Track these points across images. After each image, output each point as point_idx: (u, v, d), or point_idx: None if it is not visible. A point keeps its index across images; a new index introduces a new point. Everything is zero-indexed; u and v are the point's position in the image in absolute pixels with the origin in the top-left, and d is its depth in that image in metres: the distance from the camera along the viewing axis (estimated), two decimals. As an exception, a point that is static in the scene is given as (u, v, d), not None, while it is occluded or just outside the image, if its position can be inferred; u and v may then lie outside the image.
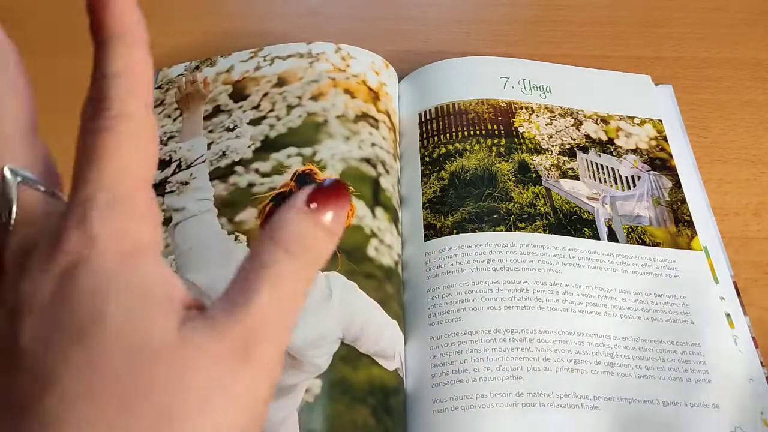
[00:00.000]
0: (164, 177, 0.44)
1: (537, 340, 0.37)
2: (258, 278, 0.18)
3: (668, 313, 0.39)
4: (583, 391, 0.35)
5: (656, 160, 0.46)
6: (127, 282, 0.18)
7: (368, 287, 0.38)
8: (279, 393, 0.34)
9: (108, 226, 0.18)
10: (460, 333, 0.37)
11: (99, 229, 0.18)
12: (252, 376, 0.18)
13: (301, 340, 0.36)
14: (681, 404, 0.35)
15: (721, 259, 0.42)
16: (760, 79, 0.52)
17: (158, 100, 0.48)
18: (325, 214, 0.20)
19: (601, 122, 0.47)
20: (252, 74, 0.48)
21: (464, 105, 0.47)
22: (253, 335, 0.18)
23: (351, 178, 0.42)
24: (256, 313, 0.18)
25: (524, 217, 0.42)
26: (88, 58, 0.20)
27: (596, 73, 0.50)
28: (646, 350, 0.37)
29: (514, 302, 0.38)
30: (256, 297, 0.18)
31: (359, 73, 0.47)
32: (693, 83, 0.52)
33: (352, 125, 0.44)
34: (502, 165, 0.44)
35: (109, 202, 0.18)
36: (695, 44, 0.55)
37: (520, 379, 0.35)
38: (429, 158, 0.45)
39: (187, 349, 0.17)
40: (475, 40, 0.55)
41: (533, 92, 0.48)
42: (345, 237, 0.40)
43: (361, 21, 0.57)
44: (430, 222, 0.42)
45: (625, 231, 0.42)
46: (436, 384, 0.36)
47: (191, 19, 0.57)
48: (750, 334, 0.39)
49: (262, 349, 0.18)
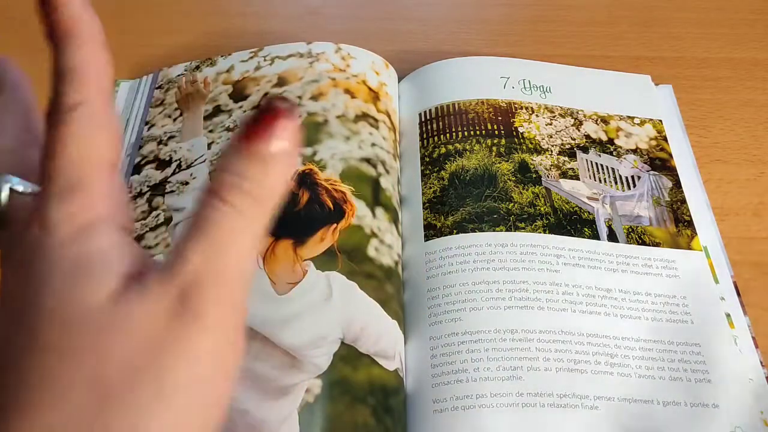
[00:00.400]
0: (164, 177, 0.44)
1: (537, 340, 0.37)
2: (191, 236, 0.18)
3: (668, 313, 0.39)
4: (583, 391, 0.35)
5: (656, 160, 0.46)
6: (66, 260, 0.18)
7: (368, 287, 0.38)
8: (279, 393, 0.34)
9: (61, 210, 0.18)
10: (460, 333, 0.37)
11: (53, 215, 0.18)
12: (196, 333, 0.17)
13: (301, 340, 0.36)
14: (681, 404, 0.35)
15: (721, 259, 0.42)
16: (759, 79, 0.52)
17: (158, 100, 0.48)
18: (261, 143, 0.18)
19: (601, 122, 0.47)
20: (252, 74, 0.48)
21: (464, 105, 0.47)
22: (188, 293, 0.17)
23: (351, 178, 0.42)
24: (187, 271, 0.17)
25: (524, 217, 0.42)
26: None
27: (596, 73, 0.50)
28: (646, 350, 0.37)
29: (514, 302, 0.38)
30: (185, 254, 0.17)
31: (359, 73, 0.47)
32: (693, 83, 0.52)
33: (352, 125, 0.44)
34: (502, 165, 0.44)
35: (63, 189, 0.18)
36: (695, 44, 0.55)
37: (520, 379, 0.35)
38: (429, 158, 0.45)
39: (117, 318, 0.17)
40: (475, 40, 0.55)
41: (533, 92, 0.48)
42: (345, 237, 0.40)
43: (361, 21, 0.57)
44: (430, 222, 0.42)
45: (625, 231, 0.42)
46: (436, 384, 0.36)
47: (191, 19, 0.57)
48: (750, 334, 0.39)
49: (201, 305, 0.17)
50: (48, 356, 0.17)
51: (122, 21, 0.56)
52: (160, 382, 0.17)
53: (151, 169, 0.44)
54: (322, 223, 0.40)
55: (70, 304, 0.17)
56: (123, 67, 0.52)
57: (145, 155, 0.45)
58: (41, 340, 0.17)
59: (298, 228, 0.39)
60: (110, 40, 0.21)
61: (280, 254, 0.39)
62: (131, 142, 0.47)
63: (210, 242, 0.18)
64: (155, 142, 0.46)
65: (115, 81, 0.51)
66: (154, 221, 0.42)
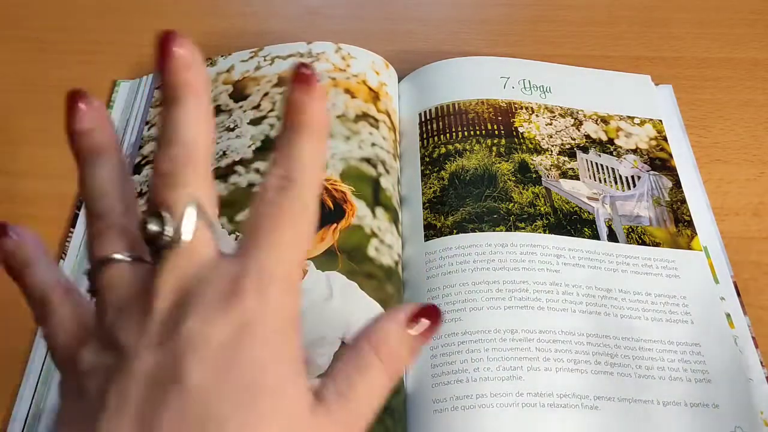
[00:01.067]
0: (164, 177, 0.44)
1: (537, 340, 0.37)
2: (358, 376, 0.22)
3: (668, 313, 0.39)
4: (583, 391, 0.35)
5: (656, 160, 0.46)
6: (283, 356, 0.20)
7: (368, 287, 0.38)
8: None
9: (280, 299, 0.20)
10: (460, 333, 0.37)
11: (274, 300, 0.20)
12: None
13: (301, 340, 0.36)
14: (681, 404, 0.35)
15: (721, 259, 0.42)
16: (759, 79, 0.52)
17: (159, 100, 0.48)
18: (418, 329, 0.23)
19: (601, 122, 0.48)
20: (252, 74, 0.48)
21: (464, 105, 0.47)
22: (351, 425, 0.21)
23: (351, 177, 0.42)
24: (354, 409, 0.21)
25: (524, 217, 0.42)
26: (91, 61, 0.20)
27: (596, 73, 0.50)
28: (646, 350, 0.37)
29: (514, 302, 0.38)
30: (355, 394, 0.21)
31: (359, 72, 0.47)
32: (693, 83, 0.52)
33: (353, 125, 0.44)
34: (502, 165, 0.44)
35: (284, 276, 0.20)
36: (695, 44, 0.55)
37: (520, 379, 0.35)
38: (429, 158, 0.45)
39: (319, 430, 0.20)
40: (475, 40, 0.55)
41: (533, 92, 0.48)
42: (345, 237, 0.40)
43: (361, 21, 0.57)
44: (430, 222, 0.42)
45: (625, 231, 0.42)
46: (436, 384, 0.36)
47: (191, 19, 0.57)
48: (750, 334, 0.39)
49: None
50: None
51: (122, 21, 0.56)
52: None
53: (152, 169, 0.44)
54: (323, 222, 0.40)
55: (289, 405, 0.20)
56: (123, 67, 0.52)
57: (146, 155, 0.45)
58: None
59: (298, 228, 0.39)
60: (110, 40, 0.21)
61: (280, 254, 0.39)
62: (131, 142, 0.47)
63: (368, 388, 0.22)
64: (156, 142, 0.46)
65: (115, 81, 0.51)
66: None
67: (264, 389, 0.19)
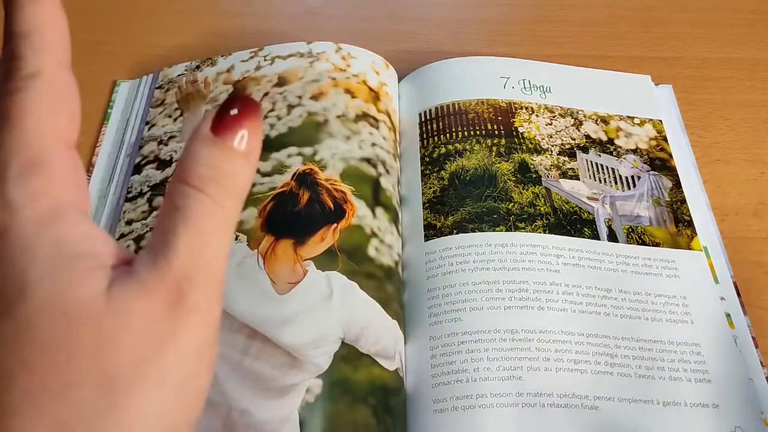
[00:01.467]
0: (165, 177, 0.44)
1: (537, 340, 0.37)
2: (174, 225, 0.17)
3: (668, 313, 0.39)
4: (583, 391, 0.35)
5: (656, 160, 0.46)
6: (47, 247, 0.17)
7: (368, 287, 0.38)
8: (279, 393, 0.35)
9: (24, 190, 0.17)
10: (460, 333, 0.37)
11: (15, 195, 0.17)
12: (190, 327, 0.17)
13: (301, 340, 0.36)
14: (681, 404, 0.35)
15: (721, 259, 0.42)
16: (759, 79, 0.52)
17: (159, 100, 0.48)
18: (234, 138, 0.18)
19: (601, 122, 0.48)
20: (252, 74, 0.48)
21: (464, 105, 0.47)
22: (181, 287, 0.17)
23: (351, 177, 0.42)
24: (178, 263, 0.17)
25: (524, 217, 0.42)
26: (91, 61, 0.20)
27: (596, 73, 0.50)
28: (646, 350, 0.37)
29: (514, 302, 0.38)
30: (174, 246, 0.17)
31: (359, 72, 0.47)
32: (693, 83, 0.52)
33: (353, 125, 0.44)
34: (502, 165, 0.44)
35: (24, 166, 0.17)
36: (695, 44, 0.55)
37: (520, 379, 0.35)
38: (429, 158, 0.45)
39: (117, 312, 0.17)
40: (475, 40, 0.55)
41: (533, 92, 0.48)
42: (345, 237, 0.40)
43: (361, 21, 0.57)
44: (430, 222, 0.42)
45: (625, 231, 0.42)
46: (436, 384, 0.36)
47: (191, 19, 0.57)
48: (750, 334, 0.39)
49: (193, 299, 0.17)
50: (54, 351, 0.16)
51: (122, 21, 0.56)
52: (162, 375, 0.17)
53: (152, 169, 0.45)
54: (323, 222, 0.40)
55: (65, 297, 0.17)
56: (123, 67, 0.52)
57: (146, 155, 0.45)
58: (43, 333, 0.16)
59: (298, 228, 0.39)
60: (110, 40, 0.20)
61: (281, 254, 0.39)
62: (131, 142, 0.47)
63: (196, 233, 0.17)
64: (156, 142, 0.46)
65: (115, 81, 0.51)
66: (154, 221, 0.42)
67: (20, 293, 0.17)
